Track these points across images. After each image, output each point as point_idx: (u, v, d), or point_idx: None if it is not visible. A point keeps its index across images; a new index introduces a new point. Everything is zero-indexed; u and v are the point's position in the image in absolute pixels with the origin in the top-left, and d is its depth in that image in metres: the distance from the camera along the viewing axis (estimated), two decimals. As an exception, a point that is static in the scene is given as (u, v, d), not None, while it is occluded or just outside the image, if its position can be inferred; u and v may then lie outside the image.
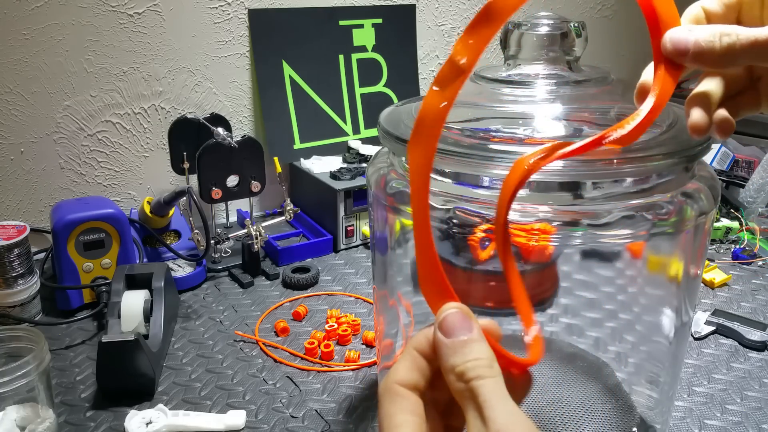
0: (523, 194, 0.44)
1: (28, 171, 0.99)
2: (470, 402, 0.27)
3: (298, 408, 0.66)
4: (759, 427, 0.64)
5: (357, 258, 1.01)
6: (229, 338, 0.79)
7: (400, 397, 0.29)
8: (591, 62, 0.54)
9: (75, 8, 0.95)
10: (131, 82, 1.02)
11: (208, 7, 1.05)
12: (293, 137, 1.14)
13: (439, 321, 0.30)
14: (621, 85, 0.53)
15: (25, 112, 0.97)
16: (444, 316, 0.30)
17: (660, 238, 0.46)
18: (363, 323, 0.81)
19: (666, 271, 0.56)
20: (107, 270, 0.83)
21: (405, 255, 0.57)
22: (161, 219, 0.95)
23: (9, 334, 0.60)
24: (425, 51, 1.29)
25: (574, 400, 0.62)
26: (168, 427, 0.62)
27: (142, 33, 1.01)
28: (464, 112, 0.53)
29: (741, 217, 1.04)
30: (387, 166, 0.52)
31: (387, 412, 0.29)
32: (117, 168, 1.05)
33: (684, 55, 0.33)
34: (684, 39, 0.33)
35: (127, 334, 0.69)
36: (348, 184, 1.01)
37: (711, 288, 0.91)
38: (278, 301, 0.87)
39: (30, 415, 0.59)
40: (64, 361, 0.74)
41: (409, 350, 0.30)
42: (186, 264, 0.92)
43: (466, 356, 0.28)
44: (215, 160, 0.89)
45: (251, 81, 1.12)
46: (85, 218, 0.80)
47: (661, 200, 0.45)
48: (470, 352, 0.28)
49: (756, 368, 0.73)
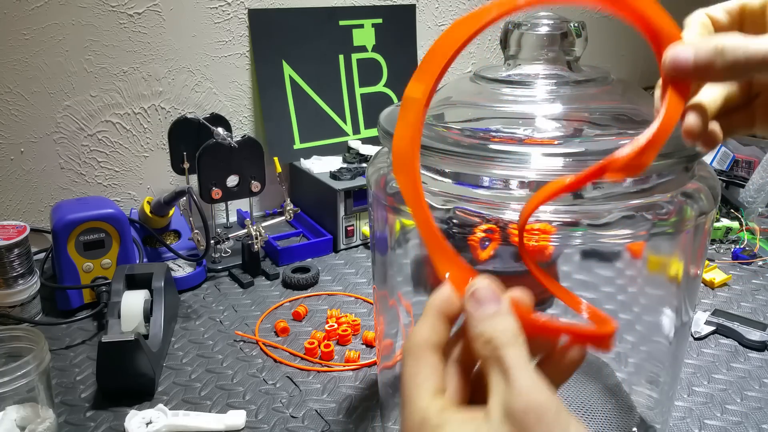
0: (523, 194, 0.44)
1: (28, 171, 0.99)
2: (495, 367, 0.29)
3: (298, 408, 0.66)
4: (759, 427, 0.64)
5: (357, 258, 1.01)
6: (229, 338, 0.79)
7: (422, 356, 0.31)
8: (591, 62, 0.54)
9: (75, 8, 0.95)
10: (131, 82, 1.02)
11: (208, 7, 1.05)
12: (293, 137, 1.14)
13: (470, 292, 0.31)
14: (621, 85, 0.53)
15: (25, 112, 0.97)
16: (475, 288, 0.31)
17: (660, 238, 0.46)
18: (363, 323, 0.81)
19: (666, 271, 0.56)
20: (107, 270, 0.83)
21: (405, 255, 0.57)
22: (161, 219, 0.95)
23: (9, 334, 0.60)
24: (425, 51, 1.29)
25: (574, 400, 0.62)
26: (168, 427, 0.62)
27: (142, 33, 1.01)
28: (464, 112, 0.53)
29: (741, 217, 1.04)
30: (387, 166, 0.52)
31: (410, 370, 0.30)
32: (117, 168, 1.05)
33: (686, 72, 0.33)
34: (684, 55, 0.33)
35: (127, 334, 0.69)
36: (348, 184, 1.01)
37: (711, 288, 0.91)
38: (278, 301, 0.87)
39: (30, 415, 0.59)
40: (64, 361, 0.74)
41: (430, 311, 0.32)
42: (186, 264, 0.92)
43: (494, 326, 0.29)
44: (215, 160, 0.89)
45: (251, 81, 1.12)
46: (85, 218, 0.80)
47: (661, 200, 0.45)
48: (498, 323, 0.30)
49: (756, 368, 0.73)
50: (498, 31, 0.52)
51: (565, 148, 0.44)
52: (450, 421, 0.29)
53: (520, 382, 0.27)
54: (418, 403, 0.30)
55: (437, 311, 0.32)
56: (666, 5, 0.34)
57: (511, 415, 0.27)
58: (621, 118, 0.51)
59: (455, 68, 1.33)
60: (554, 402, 0.27)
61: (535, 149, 0.43)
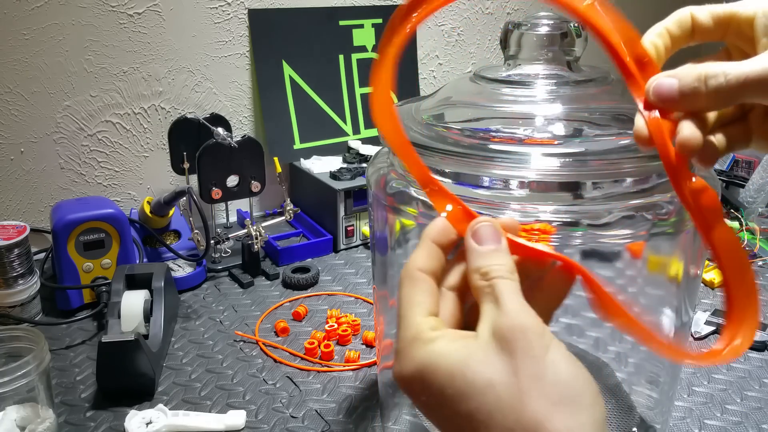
0: (523, 194, 0.44)
1: (28, 171, 0.99)
2: (488, 295, 0.31)
3: (298, 408, 0.66)
4: (759, 427, 0.64)
5: (357, 258, 1.01)
6: (229, 338, 0.78)
7: (419, 281, 0.33)
8: (591, 62, 0.54)
9: (75, 8, 0.95)
10: (131, 82, 1.02)
11: (208, 7, 1.05)
12: (293, 137, 1.14)
13: (473, 230, 0.33)
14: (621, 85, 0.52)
15: (25, 112, 0.97)
16: (478, 227, 0.33)
17: (660, 238, 0.46)
18: (363, 323, 0.81)
19: (666, 271, 0.56)
20: (107, 270, 0.83)
21: (405, 255, 0.57)
22: (161, 219, 0.95)
23: (9, 334, 0.60)
24: (425, 51, 1.29)
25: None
26: (168, 427, 0.62)
27: (142, 33, 1.01)
28: (464, 112, 0.53)
29: (741, 217, 1.04)
30: (387, 166, 0.52)
31: (406, 293, 0.33)
32: (117, 168, 1.05)
33: (673, 102, 0.33)
34: (668, 87, 0.33)
35: (127, 334, 0.69)
36: (348, 184, 1.01)
37: (711, 288, 0.91)
38: (278, 301, 0.87)
39: (30, 415, 0.59)
40: (64, 361, 0.74)
41: (425, 240, 0.34)
42: (186, 264, 0.92)
43: (491, 261, 0.32)
44: (215, 160, 0.89)
45: (251, 81, 1.12)
46: (85, 218, 0.80)
47: (661, 200, 0.45)
48: (496, 258, 0.32)
49: (756, 368, 0.73)
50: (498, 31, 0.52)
51: (565, 148, 0.44)
52: (441, 337, 0.31)
53: (508, 306, 0.30)
54: (412, 319, 0.32)
55: (432, 240, 0.34)
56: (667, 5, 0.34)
57: (498, 332, 0.30)
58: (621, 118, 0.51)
59: (455, 68, 1.34)
60: (538, 324, 0.30)
61: (535, 149, 0.43)
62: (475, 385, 0.29)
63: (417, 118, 0.51)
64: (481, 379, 0.29)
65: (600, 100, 0.51)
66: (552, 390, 0.28)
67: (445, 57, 1.32)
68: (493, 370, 0.29)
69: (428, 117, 0.51)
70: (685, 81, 0.32)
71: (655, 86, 0.33)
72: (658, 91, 0.33)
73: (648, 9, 1.05)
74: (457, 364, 0.29)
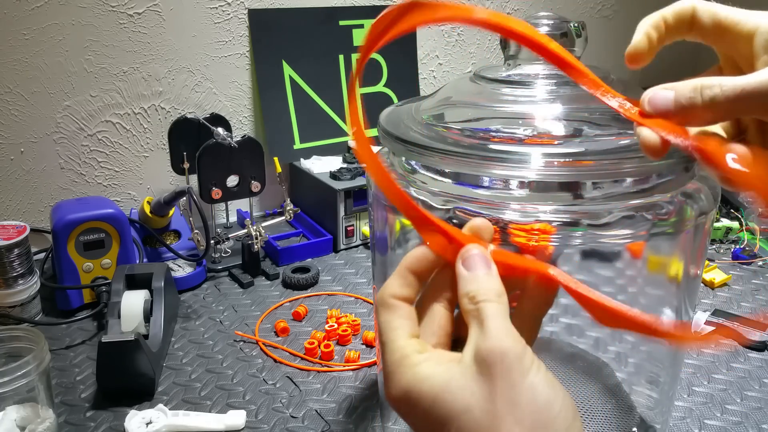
0: (523, 194, 0.44)
1: (28, 171, 0.99)
2: (475, 318, 0.32)
3: (298, 408, 0.66)
4: (759, 427, 0.64)
5: (357, 258, 1.01)
6: (229, 338, 0.79)
7: (394, 307, 0.34)
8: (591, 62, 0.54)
9: (75, 8, 0.95)
10: (131, 82, 1.02)
11: (208, 7, 1.05)
12: (293, 137, 1.14)
13: (464, 258, 0.34)
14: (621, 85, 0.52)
15: (25, 112, 0.97)
16: (468, 255, 0.34)
17: (660, 238, 0.46)
18: (363, 323, 0.81)
19: (666, 271, 0.56)
20: (107, 270, 0.83)
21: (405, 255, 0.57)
22: (161, 219, 0.95)
23: (9, 334, 0.60)
24: (425, 51, 1.29)
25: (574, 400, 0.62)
26: (168, 427, 0.62)
27: (142, 33, 1.01)
28: (464, 112, 0.53)
29: (741, 217, 1.04)
30: (387, 166, 0.52)
31: (384, 319, 0.34)
32: (117, 168, 1.05)
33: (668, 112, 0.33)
34: (663, 99, 0.33)
35: (127, 334, 0.69)
36: (348, 184, 1.01)
37: (711, 288, 0.91)
38: (278, 301, 0.87)
39: (30, 415, 0.59)
40: (64, 361, 0.74)
41: (401, 269, 0.35)
42: (186, 264, 0.92)
43: (479, 285, 0.33)
44: (215, 160, 0.89)
45: (251, 81, 1.12)
46: (85, 218, 0.80)
47: (661, 200, 0.45)
48: (483, 282, 0.33)
49: (756, 368, 0.73)
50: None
51: (565, 148, 0.44)
52: (427, 360, 0.31)
53: (490, 328, 0.30)
54: (396, 343, 0.32)
55: (406, 268, 0.35)
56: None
57: (479, 355, 0.30)
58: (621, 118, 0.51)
59: (455, 68, 1.34)
60: (519, 347, 0.30)
61: (535, 149, 0.43)
62: (454, 410, 0.29)
63: (417, 118, 0.51)
64: (460, 404, 0.29)
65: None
66: (526, 417, 0.29)
67: (445, 57, 1.32)
68: (470, 394, 0.29)
69: (428, 117, 0.51)
70: (682, 92, 0.32)
71: (651, 97, 0.33)
72: (654, 101, 0.33)
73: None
74: (438, 388, 0.30)
